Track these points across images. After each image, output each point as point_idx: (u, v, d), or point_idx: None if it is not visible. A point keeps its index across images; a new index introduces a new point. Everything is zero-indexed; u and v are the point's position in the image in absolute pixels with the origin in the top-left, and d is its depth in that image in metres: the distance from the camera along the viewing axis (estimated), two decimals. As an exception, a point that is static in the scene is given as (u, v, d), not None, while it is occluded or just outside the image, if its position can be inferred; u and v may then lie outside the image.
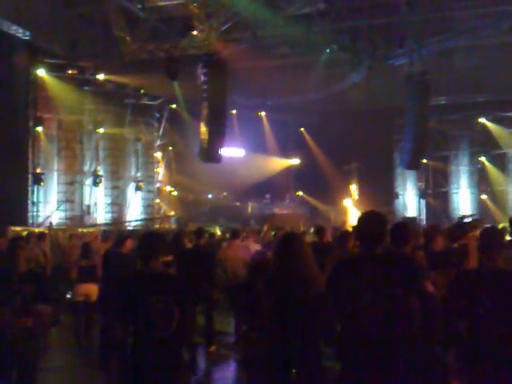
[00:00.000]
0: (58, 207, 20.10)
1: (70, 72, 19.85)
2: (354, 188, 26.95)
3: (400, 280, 3.53)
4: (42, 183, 19.35)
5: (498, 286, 3.64)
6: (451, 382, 3.96)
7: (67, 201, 20.38)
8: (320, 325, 3.88)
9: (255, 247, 9.23)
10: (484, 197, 25.22)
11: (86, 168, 21.21)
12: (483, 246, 3.94)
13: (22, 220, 17.68)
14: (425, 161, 22.61)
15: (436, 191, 26.37)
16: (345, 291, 3.60)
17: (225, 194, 26.27)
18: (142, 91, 22.25)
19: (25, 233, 12.70)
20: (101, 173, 21.21)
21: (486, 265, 3.87)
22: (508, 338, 3.52)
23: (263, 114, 25.99)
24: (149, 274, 3.94)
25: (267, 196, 25.73)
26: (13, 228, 14.03)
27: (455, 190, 26.24)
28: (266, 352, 4.09)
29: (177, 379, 3.89)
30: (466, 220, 17.82)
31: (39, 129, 19.47)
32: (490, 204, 24.82)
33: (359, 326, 3.50)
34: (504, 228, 7.06)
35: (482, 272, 3.92)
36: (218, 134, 17.10)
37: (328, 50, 18.88)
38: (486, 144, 24.59)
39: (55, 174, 20.33)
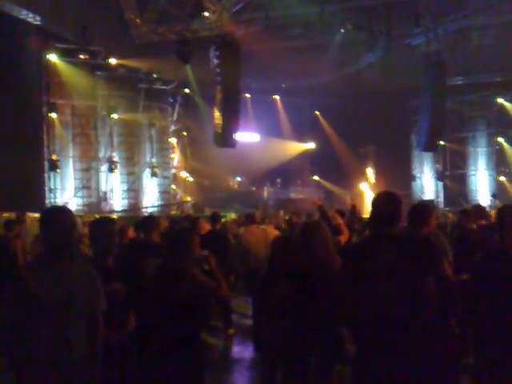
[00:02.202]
0: (75, 194, 20.21)
1: (81, 57, 19.74)
2: (370, 171, 26.75)
3: (417, 261, 3.46)
4: (58, 170, 19.45)
5: None
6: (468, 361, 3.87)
7: (84, 187, 20.47)
8: (337, 305, 3.83)
9: (274, 232, 9.15)
10: (502, 178, 24.86)
11: (101, 154, 21.25)
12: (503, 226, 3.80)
13: (40, 207, 17.76)
14: (442, 142, 22.33)
15: (453, 173, 26.06)
16: (361, 273, 3.53)
17: (239, 179, 26.21)
18: (155, 75, 22.13)
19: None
20: (116, 159, 21.25)
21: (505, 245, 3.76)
22: None
23: (277, 97, 25.80)
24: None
25: (278, 180, 25.62)
26: (31, 214, 14.03)
27: (473, 172, 25.89)
28: (284, 334, 4.05)
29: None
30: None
31: (53, 115, 19.51)
32: (508, 185, 24.46)
33: (375, 308, 3.44)
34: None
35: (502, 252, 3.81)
36: (232, 119, 16.95)
37: (342, 30, 18.59)
38: (503, 124, 24.20)
39: (71, 161, 20.38)
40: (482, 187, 25.45)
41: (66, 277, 3.06)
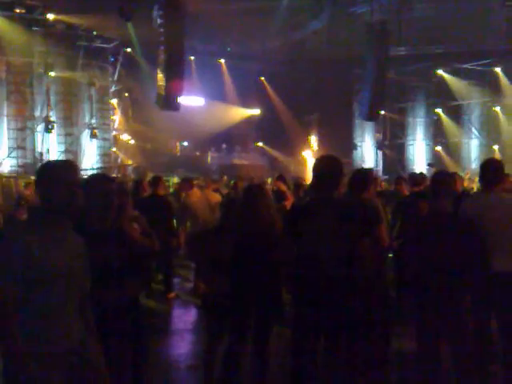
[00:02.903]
0: (9, 154, 19.42)
1: (17, 11, 18.86)
2: (313, 139, 26.99)
3: (354, 223, 3.55)
4: (-9, 129, 18.62)
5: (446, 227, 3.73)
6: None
7: (18, 148, 19.71)
8: (280, 263, 3.90)
9: (215, 196, 9.19)
10: (438, 148, 25.71)
11: (37, 113, 20.40)
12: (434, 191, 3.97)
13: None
14: (383, 112, 22.74)
15: (393, 142, 26.73)
16: (300, 233, 3.61)
17: (186, 143, 25.90)
18: (95, 33, 21.27)
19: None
20: (53, 119, 20.40)
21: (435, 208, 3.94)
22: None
23: (223, 61, 25.45)
24: None
25: (224, 146, 25.51)
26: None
27: (411, 142, 26.66)
28: (227, 297, 4.08)
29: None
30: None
31: (-13, 71, 18.59)
32: (444, 155, 25.33)
33: (313, 267, 3.53)
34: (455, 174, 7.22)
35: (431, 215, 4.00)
36: (175, 81, 16.61)
37: (289, -5, 18.49)
38: (442, 96, 24.86)
39: (5, 120, 19.59)
40: (419, 156, 26.27)
41: (65, 245, 2.68)
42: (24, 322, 2.49)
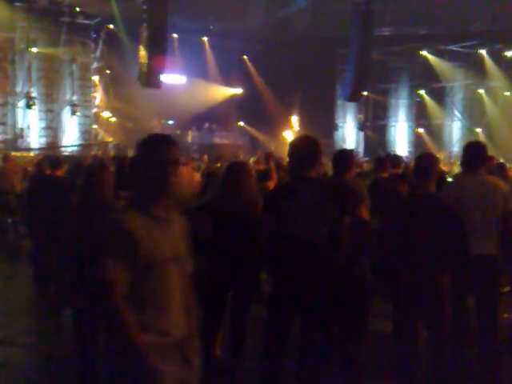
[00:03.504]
0: (-11, 130, 19.22)
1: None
2: (294, 119, 26.96)
3: (335, 202, 3.60)
4: (-30, 104, 18.38)
5: (427, 209, 3.75)
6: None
7: (-1, 123, 19.51)
8: (259, 242, 3.96)
9: (195, 175, 9.21)
10: (421, 130, 25.87)
11: (19, 89, 20.19)
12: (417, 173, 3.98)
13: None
14: (365, 93, 22.78)
15: (375, 124, 26.79)
16: (281, 212, 3.65)
17: (171, 122, 25.72)
18: (78, 9, 20.95)
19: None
20: (34, 95, 20.19)
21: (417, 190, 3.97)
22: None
23: (205, 39, 25.21)
24: None
25: (206, 125, 25.41)
26: None
27: (393, 123, 26.77)
28: (205, 274, 4.12)
29: None
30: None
31: (-33, 46, 18.29)
32: (426, 137, 25.51)
33: (292, 245, 3.58)
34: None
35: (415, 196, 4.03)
36: (158, 58, 16.51)
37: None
38: (425, 77, 24.90)
39: (-15, 95, 19.32)
40: (400, 138, 26.43)
41: (170, 226, 2.43)
42: (136, 310, 2.28)
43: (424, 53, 24.22)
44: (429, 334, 3.81)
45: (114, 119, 24.07)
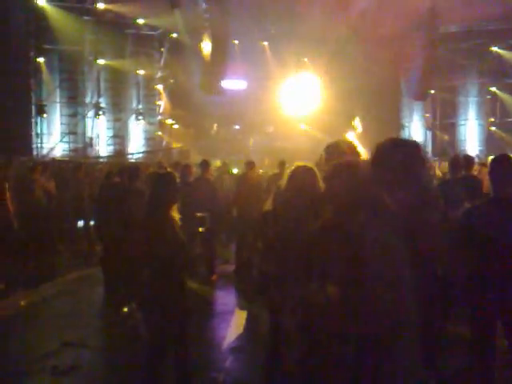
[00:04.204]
0: (62, 139, 20.05)
1: (69, 1, 19.34)
2: (357, 121, 26.43)
3: None
4: (44, 115, 19.28)
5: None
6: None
7: (70, 133, 20.38)
8: None
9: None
10: (493, 128, 24.77)
11: (88, 100, 21.01)
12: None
13: (27, 152, 17.66)
14: (432, 91, 22.12)
15: (443, 123, 25.94)
16: None
17: (237, 127, 25.91)
18: (143, 21, 21.54)
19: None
20: (102, 105, 21.02)
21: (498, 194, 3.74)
22: None
23: (265, 43, 25.17)
24: None
25: (270, 129, 25.36)
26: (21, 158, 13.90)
27: (463, 122, 25.81)
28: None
29: None
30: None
31: (40, 60, 19.19)
32: (500, 134, 24.29)
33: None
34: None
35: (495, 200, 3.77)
36: (219, 66, 16.70)
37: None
38: (496, 73, 23.87)
39: (58, 106, 20.25)
40: (471, 137, 25.45)
41: None
42: None
43: (494, 48, 23.25)
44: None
45: (176, 126, 24.54)
